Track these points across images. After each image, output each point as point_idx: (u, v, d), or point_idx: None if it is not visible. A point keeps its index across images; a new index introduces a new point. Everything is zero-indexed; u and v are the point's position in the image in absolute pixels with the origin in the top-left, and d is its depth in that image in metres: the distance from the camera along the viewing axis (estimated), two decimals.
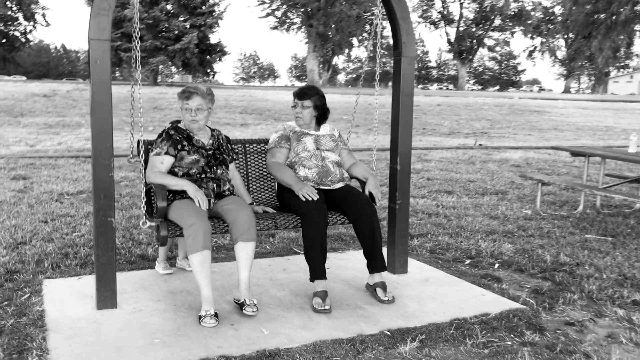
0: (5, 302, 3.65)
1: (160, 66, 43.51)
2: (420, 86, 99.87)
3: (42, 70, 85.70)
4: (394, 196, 4.33)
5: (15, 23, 58.59)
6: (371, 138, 15.95)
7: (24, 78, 55.72)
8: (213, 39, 43.37)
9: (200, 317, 3.35)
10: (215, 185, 3.73)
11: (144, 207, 3.61)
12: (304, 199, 3.74)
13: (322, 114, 4.17)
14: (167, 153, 3.67)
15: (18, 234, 5.30)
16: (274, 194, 4.28)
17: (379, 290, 3.81)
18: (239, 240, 3.51)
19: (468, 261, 4.84)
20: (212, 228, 3.53)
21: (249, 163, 4.30)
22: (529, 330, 3.37)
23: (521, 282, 4.32)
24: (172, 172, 3.69)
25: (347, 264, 4.59)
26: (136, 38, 3.63)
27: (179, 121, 3.86)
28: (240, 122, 18.99)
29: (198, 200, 3.48)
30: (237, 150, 4.23)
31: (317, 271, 3.70)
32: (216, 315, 3.36)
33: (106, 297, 3.53)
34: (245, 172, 4.28)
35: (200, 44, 39.05)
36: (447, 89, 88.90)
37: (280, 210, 3.99)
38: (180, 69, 43.81)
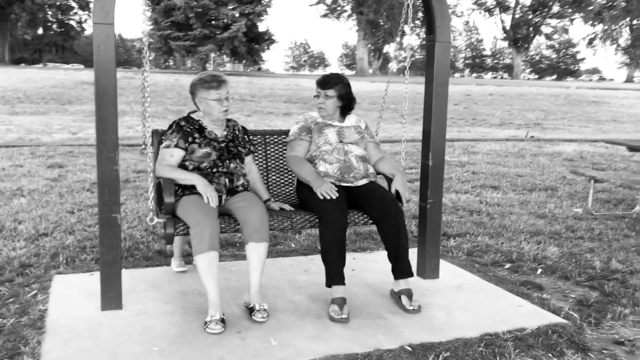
0: (11, 299, 3.50)
1: (213, 54, 43.76)
2: (474, 75, 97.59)
3: None
4: (425, 194, 3.98)
5: (71, 12, 60.24)
6: (417, 129, 15.50)
7: (82, 66, 57.16)
8: (261, 27, 43.23)
9: (205, 322, 3.11)
10: (227, 180, 3.47)
11: (151, 202, 3.38)
12: (321, 197, 3.43)
13: (347, 104, 3.85)
14: (177, 146, 3.42)
15: (42, 224, 5.20)
16: (294, 190, 4.00)
17: (403, 299, 3.49)
18: (250, 240, 3.25)
19: (508, 265, 4.46)
20: (221, 227, 3.28)
21: (268, 156, 4.03)
22: (570, 350, 2.99)
23: (565, 291, 3.91)
24: (182, 165, 3.45)
25: (374, 265, 4.27)
26: (144, 21, 3.39)
27: (194, 111, 3.62)
28: (284, 112, 18.81)
29: (207, 196, 3.23)
30: (255, 142, 3.96)
31: (334, 276, 3.40)
32: (222, 321, 3.11)
33: (110, 298, 3.33)
34: (264, 166, 4.01)
35: (248, 32, 38.97)
36: (502, 78, 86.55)
37: (300, 208, 3.69)
38: (230, 58, 43.98)
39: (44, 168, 8.04)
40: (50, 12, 58.94)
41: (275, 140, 4.09)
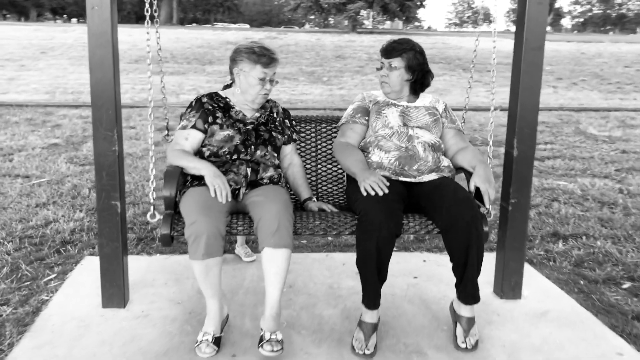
0: (28, 283, 3.28)
1: (372, 12, 42.93)
2: None
3: (265, 18, 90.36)
4: (508, 192, 3.10)
5: None
6: (571, 94, 13.70)
7: (248, 26, 59.25)
8: None
9: (197, 340, 2.59)
10: (250, 170, 2.82)
11: (152, 194, 2.86)
12: (365, 193, 2.64)
13: (419, 79, 3.01)
14: (194, 126, 2.85)
15: None
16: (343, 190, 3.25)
17: (459, 329, 2.69)
18: (265, 245, 2.53)
19: (626, 285, 3.44)
20: (231, 227, 2.64)
21: (319, 150, 3.32)
22: None
23: None
24: (200, 152, 2.89)
25: (443, 273, 3.48)
26: None
27: (229, 85, 3.05)
28: None
29: (214, 188, 2.60)
30: (299, 130, 3.28)
31: (368, 296, 2.66)
32: (216, 342, 2.58)
33: (111, 295, 2.95)
34: (314, 160, 3.31)
35: None
36: None
37: (348, 210, 2.89)
38: (384, 15, 42.85)
39: (152, 130, 8.04)
40: None
41: (329, 130, 3.34)
